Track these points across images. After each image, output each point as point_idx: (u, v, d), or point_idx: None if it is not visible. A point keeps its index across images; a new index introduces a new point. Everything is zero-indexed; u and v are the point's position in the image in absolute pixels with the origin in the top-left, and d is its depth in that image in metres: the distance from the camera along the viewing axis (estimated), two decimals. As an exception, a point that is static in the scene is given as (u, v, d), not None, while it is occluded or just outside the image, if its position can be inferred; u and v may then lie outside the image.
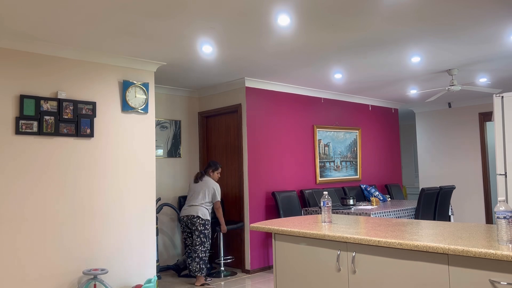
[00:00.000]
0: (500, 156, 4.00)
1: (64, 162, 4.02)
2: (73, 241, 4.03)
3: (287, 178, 6.10)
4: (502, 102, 4.03)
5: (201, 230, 4.93)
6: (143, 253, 4.51)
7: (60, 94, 4.02)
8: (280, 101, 6.11)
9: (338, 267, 2.62)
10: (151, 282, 4.26)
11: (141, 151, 4.57)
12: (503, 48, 4.53)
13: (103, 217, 4.24)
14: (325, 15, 3.43)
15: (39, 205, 3.85)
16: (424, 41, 4.21)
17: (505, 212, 2.04)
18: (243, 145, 5.69)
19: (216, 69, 5.09)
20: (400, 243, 2.26)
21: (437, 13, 3.45)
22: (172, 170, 6.13)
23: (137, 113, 4.58)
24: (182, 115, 6.34)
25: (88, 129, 4.16)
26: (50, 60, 4.01)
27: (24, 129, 3.80)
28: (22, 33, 3.64)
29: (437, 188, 5.52)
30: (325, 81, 5.96)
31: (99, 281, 3.94)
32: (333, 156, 6.83)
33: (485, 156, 7.78)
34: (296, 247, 2.88)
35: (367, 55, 4.67)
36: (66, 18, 3.33)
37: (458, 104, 8.10)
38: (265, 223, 3.22)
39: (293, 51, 4.44)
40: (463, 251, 2.02)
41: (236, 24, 3.56)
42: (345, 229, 2.73)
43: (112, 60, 4.38)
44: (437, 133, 8.42)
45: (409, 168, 10.86)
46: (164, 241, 5.96)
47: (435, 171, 8.42)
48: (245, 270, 5.64)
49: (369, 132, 7.57)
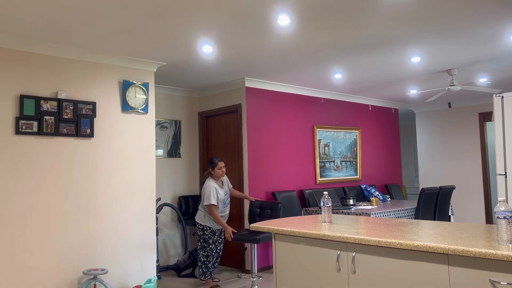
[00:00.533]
0: (500, 156, 4.00)
1: (64, 162, 4.02)
2: (73, 241, 4.03)
3: (287, 178, 6.10)
4: (502, 102, 4.03)
5: (200, 235, 4.85)
6: (143, 253, 4.51)
7: (60, 94, 4.02)
8: (280, 101, 6.11)
9: (338, 267, 2.62)
10: (151, 282, 4.26)
11: (141, 151, 4.57)
12: (503, 48, 4.53)
13: (103, 217, 4.24)
14: (325, 15, 3.43)
15: (38, 205, 3.85)
16: (424, 41, 4.21)
17: (505, 212, 2.04)
18: (243, 145, 5.69)
19: (216, 69, 5.09)
20: (400, 243, 2.26)
21: (437, 13, 3.45)
22: (172, 170, 6.13)
23: (137, 113, 4.58)
24: (182, 115, 6.34)
25: (88, 129, 4.16)
26: (50, 60, 4.01)
27: (24, 129, 3.80)
28: (22, 33, 3.64)
29: (437, 188, 5.52)
30: (325, 81, 5.96)
31: (99, 281, 3.94)
32: (333, 156, 6.83)
33: (485, 156, 7.78)
34: (296, 247, 2.87)
35: (367, 55, 4.67)
36: (66, 18, 3.33)
37: (458, 104, 8.10)
38: (265, 223, 3.22)
39: (293, 51, 4.44)
40: (463, 251, 2.02)
41: (236, 24, 3.56)
42: (345, 229, 2.73)
43: (112, 60, 4.38)
44: (437, 133, 8.42)
45: (409, 168, 10.85)
46: (164, 241, 5.96)
47: (435, 171, 8.42)
48: (245, 270, 5.64)
49: (369, 132, 7.57)
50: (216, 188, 4.79)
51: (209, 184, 4.80)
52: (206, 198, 4.73)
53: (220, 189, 4.87)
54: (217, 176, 4.89)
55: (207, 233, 4.83)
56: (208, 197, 4.72)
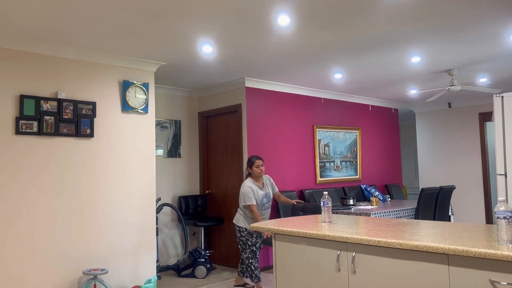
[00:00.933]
0: (500, 156, 4.00)
1: (64, 162, 4.02)
2: (73, 241, 4.03)
3: (287, 178, 6.09)
4: (502, 102, 4.03)
5: (238, 237, 4.63)
6: (143, 253, 4.51)
7: (60, 94, 4.02)
8: (280, 101, 6.11)
9: (338, 267, 2.61)
10: (151, 282, 4.26)
11: (141, 151, 4.57)
12: (503, 48, 4.53)
13: (103, 217, 4.24)
14: (325, 15, 3.43)
15: (39, 205, 3.85)
16: (424, 41, 4.21)
17: (505, 212, 2.04)
18: (243, 145, 5.69)
19: (216, 69, 5.09)
20: (400, 243, 2.26)
21: (437, 13, 3.45)
22: (172, 170, 6.13)
23: (137, 113, 4.58)
24: (182, 115, 6.34)
25: (88, 129, 4.16)
26: (50, 60, 4.01)
27: (24, 129, 3.80)
28: (22, 33, 3.64)
29: (437, 188, 5.52)
30: (325, 81, 5.95)
31: (99, 281, 3.94)
32: (333, 156, 6.83)
33: (485, 156, 7.78)
34: (296, 247, 2.87)
35: (367, 55, 4.67)
36: (66, 18, 3.33)
37: (458, 104, 8.10)
38: (265, 223, 3.22)
39: (293, 51, 4.43)
40: (463, 251, 2.02)
41: (236, 24, 3.56)
42: (345, 229, 2.73)
43: (112, 60, 4.38)
44: (437, 133, 8.42)
45: (409, 168, 10.85)
46: (164, 241, 5.96)
47: (435, 171, 8.42)
48: (245, 270, 5.64)
49: (369, 132, 7.57)
50: (252, 188, 4.52)
51: (245, 184, 4.56)
52: (242, 199, 4.53)
53: (259, 190, 4.59)
54: (256, 176, 4.61)
55: (244, 235, 4.59)
56: (243, 198, 4.50)
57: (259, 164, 4.58)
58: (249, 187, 4.51)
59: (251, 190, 4.50)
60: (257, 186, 4.60)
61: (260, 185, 4.64)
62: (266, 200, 4.66)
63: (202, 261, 5.43)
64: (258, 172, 4.58)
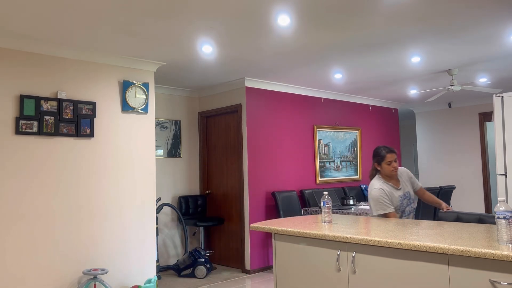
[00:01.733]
0: (500, 156, 4.00)
1: (64, 162, 4.02)
2: (73, 241, 4.03)
3: (287, 178, 6.09)
4: (502, 102, 4.03)
5: None
6: (143, 253, 4.51)
7: (60, 94, 4.02)
8: (280, 101, 6.11)
9: (338, 267, 2.61)
10: (151, 282, 4.26)
11: (141, 151, 4.57)
12: (503, 48, 4.53)
13: (103, 217, 4.24)
14: (325, 15, 3.43)
15: (39, 205, 3.85)
16: (424, 41, 4.21)
17: (505, 212, 2.04)
18: (243, 145, 5.69)
19: (216, 69, 5.09)
20: (400, 243, 2.26)
21: (437, 13, 3.45)
22: (172, 170, 6.12)
23: (137, 113, 4.58)
24: (182, 115, 6.33)
25: (88, 129, 4.16)
26: (50, 60, 4.01)
27: (24, 129, 3.80)
28: (22, 33, 3.64)
29: (437, 188, 5.52)
30: (325, 81, 5.95)
31: (99, 281, 3.94)
32: (333, 156, 6.83)
33: (485, 156, 7.78)
34: (296, 247, 2.87)
35: (367, 55, 4.67)
36: (66, 18, 3.33)
37: (458, 104, 8.10)
38: (265, 223, 3.22)
39: (293, 51, 4.43)
40: (463, 251, 2.02)
41: (236, 24, 3.56)
42: (345, 229, 2.73)
43: (112, 60, 4.38)
44: (437, 133, 8.42)
45: (409, 168, 10.85)
46: (164, 241, 5.96)
47: (435, 171, 8.42)
48: (245, 270, 5.64)
49: (369, 132, 7.57)
50: (384, 190, 3.27)
51: (374, 186, 3.32)
52: (373, 207, 3.28)
53: (395, 191, 3.32)
54: (387, 175, 3.34)
55: None
56: (375, 205, 3.26)
57: (391, 159, 3.30)
58: (381, 189, 3.26)
59: (383, 193, 3.25)
60: (391, 186, 3.33)
61: (394, 184, 3.36)
62: (406, 202, 3.36)
63: (202, 261, 5.43)
64: (390, 170, 3.31)
